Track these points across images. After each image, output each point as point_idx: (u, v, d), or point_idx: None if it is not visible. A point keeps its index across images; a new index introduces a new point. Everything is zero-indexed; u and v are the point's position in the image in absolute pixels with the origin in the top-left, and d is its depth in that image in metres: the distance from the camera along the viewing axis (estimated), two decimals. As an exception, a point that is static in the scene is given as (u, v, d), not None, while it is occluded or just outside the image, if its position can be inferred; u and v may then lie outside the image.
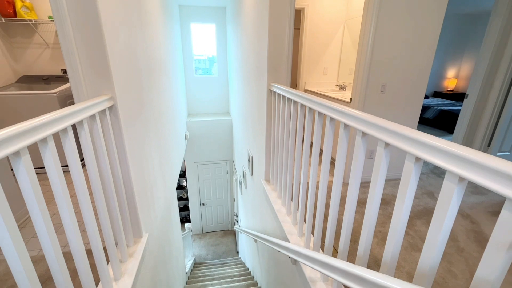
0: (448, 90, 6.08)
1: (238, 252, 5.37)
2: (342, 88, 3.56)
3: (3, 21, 2.40)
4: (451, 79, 6.04)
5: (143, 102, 1.72)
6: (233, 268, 4.36)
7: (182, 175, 6.28)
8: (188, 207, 5.82)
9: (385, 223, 1.81)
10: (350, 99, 2.32)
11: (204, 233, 6.02)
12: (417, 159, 0.67)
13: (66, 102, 2.31)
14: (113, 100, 1.18)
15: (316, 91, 3.45)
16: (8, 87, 2.36)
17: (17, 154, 0.64)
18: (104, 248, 1.29)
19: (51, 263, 0.76)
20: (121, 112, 1.24)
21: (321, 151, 2.86)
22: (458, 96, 5.68)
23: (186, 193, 6.27)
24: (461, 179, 0.56)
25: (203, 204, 5.78)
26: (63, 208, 0.81)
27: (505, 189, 0.47)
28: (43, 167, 0.75)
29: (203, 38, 4.85)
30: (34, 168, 0.69)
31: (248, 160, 3.11)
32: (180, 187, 6.54)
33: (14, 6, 2.40)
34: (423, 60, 2.17)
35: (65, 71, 2.73)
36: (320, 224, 1.27)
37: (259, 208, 2.69)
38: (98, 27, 1.06)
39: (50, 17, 2.57)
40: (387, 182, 2.39)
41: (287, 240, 1.58)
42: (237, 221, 5.10)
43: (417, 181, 0.70)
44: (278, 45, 1.92)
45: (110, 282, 1.07)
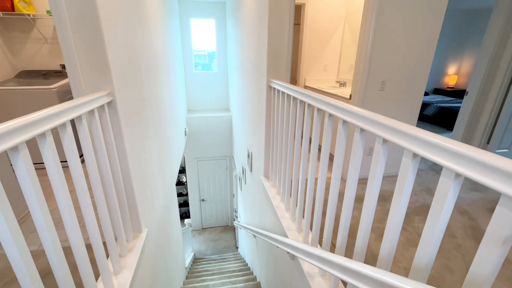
0: (449, 87, 6.04)
1: (238, 248, 5.41)
2: (342, 85, 3.54)
3: (1, 16, 2.38)
4: (452, 76, 6.00)
5: (142, 98, 1.72)
6: (233, 264, 4.40)
7: (182, 171, 6.29)
8: (188, 203, 5.85)
9: (383, 219, 1.82)
10: (350, 96, 2.31)
11: (204, 229, 6.06)
12: (415, 155, 0.67)
13: (65, 98, 2.31)
14: (112, 96, 1.17)
15: (316, 88, 3.44)
16: (7, 82, 2.34)
17: (16, 149, 0.64)
18: (104, 243, 1.30)
19: (51, 258, 0.76)
20: (120, 108, 1.24)
21: (320, 148, 2.85)
22: (459, 93, 5.64)
23: (186, 189, 6.29)
24: (457, 175, 0.56)
25: (203, 200, 5.80)
26: (62, 203, 0.81)
27: (500, 185, 0.47)
28: (43, 163, 0.75)
29: (203, 34, 4.82)
30: (34, 164, 0.69)
31: (248, 156, 3.11)
32: (180, 183, 6.56)
33: (12, 0, 2.37)
34: (424, 57, 2.16)
35: (64, 67, 2.71)
36: (319, 220, 1.28)
37: (258, 204, 2.70)
38: (97, 22, 1.05)
39: (49, 12, 2.54)
40: (386, 179, 2.40)
41: (286, 236, 1.59)
42: (237, 217, 5.13)
43: (414, 177, 0.70)
44: (278, 41, 1.91)
45: (110, 277, 1.08)
